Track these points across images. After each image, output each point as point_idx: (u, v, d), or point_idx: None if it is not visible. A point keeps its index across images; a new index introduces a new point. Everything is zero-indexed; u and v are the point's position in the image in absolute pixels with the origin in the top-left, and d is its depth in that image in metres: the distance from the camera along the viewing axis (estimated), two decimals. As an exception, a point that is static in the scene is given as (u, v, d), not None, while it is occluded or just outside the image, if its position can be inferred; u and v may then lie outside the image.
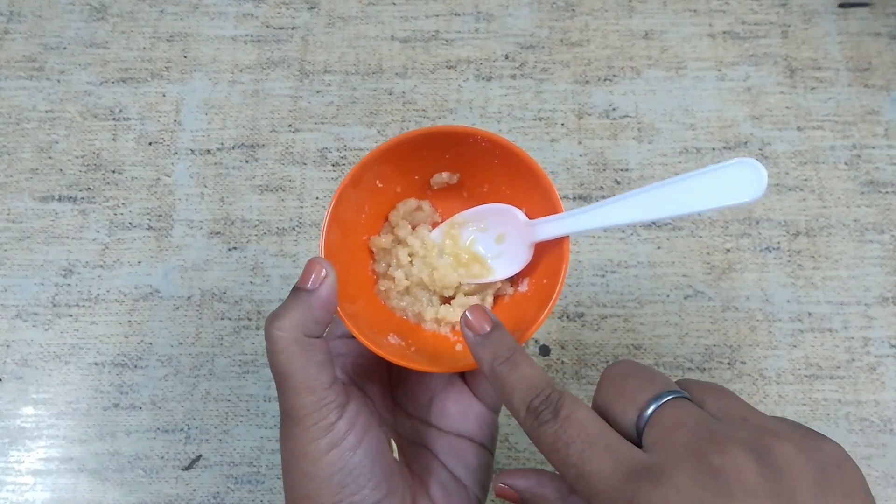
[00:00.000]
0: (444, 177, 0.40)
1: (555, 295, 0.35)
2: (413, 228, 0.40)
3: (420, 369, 0.36)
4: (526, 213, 0.38)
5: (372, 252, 0.40)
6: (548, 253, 0.37)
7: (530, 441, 0.54)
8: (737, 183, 0.31)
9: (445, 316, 0.39)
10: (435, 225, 0.40)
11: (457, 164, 0.39)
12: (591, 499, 0.27)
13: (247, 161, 0.62)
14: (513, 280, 0.40)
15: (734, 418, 0.28)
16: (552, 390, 0.30)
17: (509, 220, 0.39)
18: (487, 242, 0.40)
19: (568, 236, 0.36)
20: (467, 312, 0.35)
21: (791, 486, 0.25)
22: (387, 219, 0.40)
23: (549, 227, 0.37)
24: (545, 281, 0.37)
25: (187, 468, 0.54)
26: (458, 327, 0.39)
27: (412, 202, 0.40)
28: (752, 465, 0.26)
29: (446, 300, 0.40)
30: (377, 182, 0.39)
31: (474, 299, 0.39)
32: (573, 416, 0.29)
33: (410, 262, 0.39)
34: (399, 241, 0.39)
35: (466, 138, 0.37)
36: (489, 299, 0.40)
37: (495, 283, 0.39)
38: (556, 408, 0.29)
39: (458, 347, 0.38)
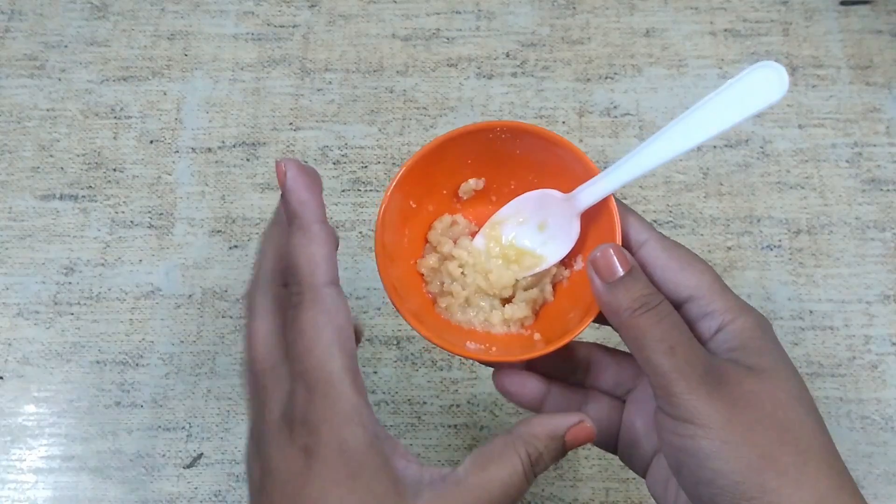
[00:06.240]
0: (471, 184, 0.40)
1: None
2: (454, 243, 0.40)
3: (513, 360, 0.35)
4: (561, 191, 0.38)
5: (422, 275, 0.40)
6: (594, 222, 0.37)
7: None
8: (760, 88, 0.32)
9: (514, 315, 0.38)
10: (473, 235, 0.40)
11: (480, 168, 0.39)
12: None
13: (248, 159, 0.62)
14: (565, 262, 0.39)
15: None
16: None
17: (546, 204, 0.38)
18: (530, 233, 0.39)
19: (611, 196, 0.35)
20: (597, 252, 0.32)
21: None
22: (426, 240, 0.40)
23: (589, 193, 0.35)
24: None
25: (189, 466, 0.54)
26: (527, 322, 0.38)
27: (447, 218, 0.40)
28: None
29: (507, 301, 0.39)
30: (411, 203, 0.38)
31: (534, 292, 0.39)
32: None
33: (462, 273, 0.39)
34: (445, 258, 0.39)
35: (486, 133, 0.37)
36: (548, 288, 0.39)
37: (550, 269, 0.39)
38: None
39: (537, 337, 0.38)
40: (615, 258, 0.32)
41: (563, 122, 0.62)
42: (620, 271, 0.32)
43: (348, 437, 0.28)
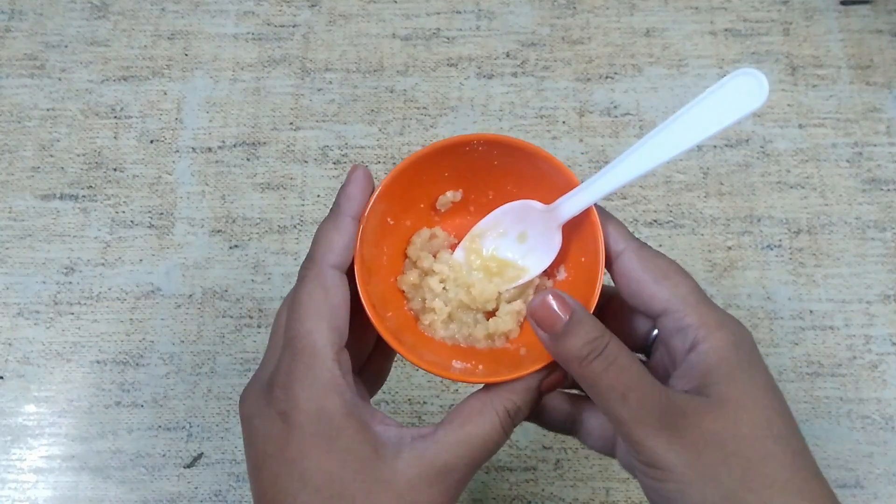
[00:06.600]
0: (448, 196, 0.39)
1: (600, 264, 0.34)
2: (434, 257, 0.39)
3: (501, 381, 0.34)
4: (542, 202, 0.37)
5: (403, 292, 0.39)
6: (576, 231, 0.36)
7: (531, 440, 0.54)
8: (740, 95, 0.32)
9: (497, 328, 0.37)
10: (453, 248, 0.40)
11: (457, 180, 0.39)
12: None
13: (248, 159, 0.62)
14: (548, 272, 0.38)
15: None
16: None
17: (526, 215, 0.38)
18: (511, 245, 0.38)
19: (593, 206, 0.35)
20: (535, 302, 0.31)
21: None
22: (405, 256, 0.39)
23: (570, 204, 0.35)
24: (583, 259, 0.36)
25: (189, 466, 0.54)
26: (513, 335, 0.38)
27: (425, 232, 0.39)
28: None
29: (490, 314, 0.39)
30: (388, 220, 0.38)
31: (518, 304, 0.38)
32: None
33: (444, 288, 0.38)
34: (425, 273, 0.39)
35: (462, 147, 0.37)
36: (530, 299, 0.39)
37: (533, 280, 0.38)
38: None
39: (523, 352, 0.37)
40: (554, 306, 0.31)
41: (564, 122, 0.62)
42: (563, 318, 0.31)
43: (326, 405, 0.30)
